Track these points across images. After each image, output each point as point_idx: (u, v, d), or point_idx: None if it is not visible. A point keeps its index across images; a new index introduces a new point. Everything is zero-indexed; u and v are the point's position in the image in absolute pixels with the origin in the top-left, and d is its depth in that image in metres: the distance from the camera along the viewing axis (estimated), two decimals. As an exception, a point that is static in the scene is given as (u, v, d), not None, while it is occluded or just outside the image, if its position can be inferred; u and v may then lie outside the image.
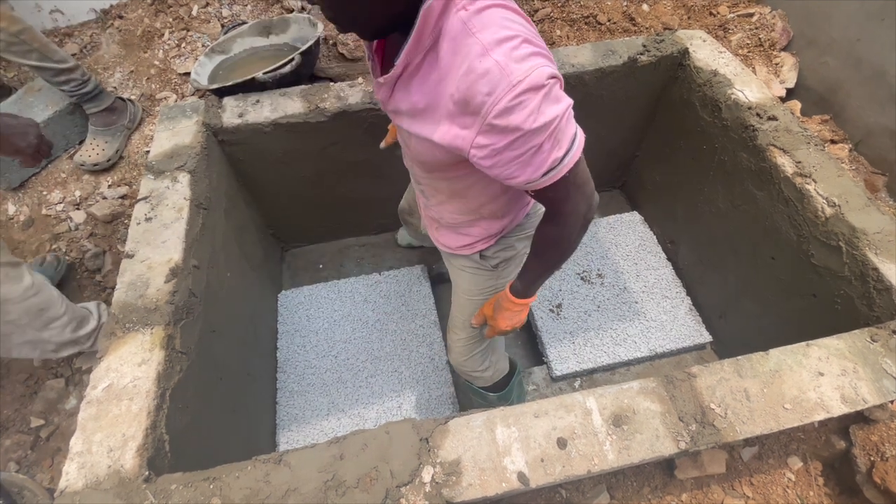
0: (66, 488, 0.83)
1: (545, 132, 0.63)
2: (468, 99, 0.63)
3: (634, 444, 0.84)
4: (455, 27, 0.62)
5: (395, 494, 0.80)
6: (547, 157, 0.66)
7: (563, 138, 0.66)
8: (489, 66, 0.60)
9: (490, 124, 0.63)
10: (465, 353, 1.22)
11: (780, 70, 1.82)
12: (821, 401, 0.88)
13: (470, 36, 0.61)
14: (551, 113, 0.63)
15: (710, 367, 0.93)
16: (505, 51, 0.60)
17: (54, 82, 1.54)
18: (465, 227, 1.02)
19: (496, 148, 0.65)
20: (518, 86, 0.60)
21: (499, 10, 0.64)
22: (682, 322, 1.69)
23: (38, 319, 1.24)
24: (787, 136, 1.29)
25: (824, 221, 1.16)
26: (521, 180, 0.69)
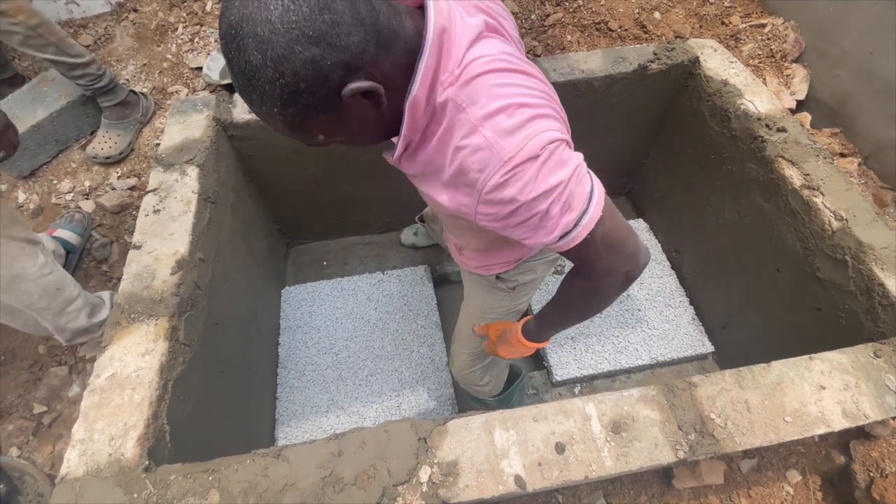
0: (66, 475, 0.84)
1: (547, 199, 0.59)
2: (462, 174, 0.61)
3: (633, 452, 0.84)
4: (445, 105, 0.60)
5: (391, 493, 0.80)
6: (557, 221, 0.61)
7: (574, 201, 0.60)
8: (478, 143, 0.58)
9: (486, 199, 0.61)
10: (466, 366, 1.21)
11: (790, 81, 1.82)
12: (822, 415, 0.88)
13: (461, 112, 0.59)
14: (554, 179, 0.59)
15: (711, 377, 0.93)
16: (494, 124, 0.58)
17: (70, 76, 1.55)
18: (485, 253, 0.99)
19: (499, 216, 0.63)
20: (510, 161, 0.57)
21: (489, 77, 0.60)
22: (685, 331, 1.69)
23: (56, 301, 1.24)
24: (796, 148, 1.28)
25: (831, 235, 1.15)
26: (534, 242, 0.65)
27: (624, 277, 0.69)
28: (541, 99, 0.63)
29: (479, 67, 0.59)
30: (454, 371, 1.25)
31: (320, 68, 0.50)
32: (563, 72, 1.51)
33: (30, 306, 1.21)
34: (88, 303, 1.33)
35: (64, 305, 1.26)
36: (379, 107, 0.57)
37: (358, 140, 0.63)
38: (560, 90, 1.52)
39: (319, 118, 0.55)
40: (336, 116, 0.55)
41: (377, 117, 0.59)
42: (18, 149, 1.47)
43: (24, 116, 1.53)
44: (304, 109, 0.53)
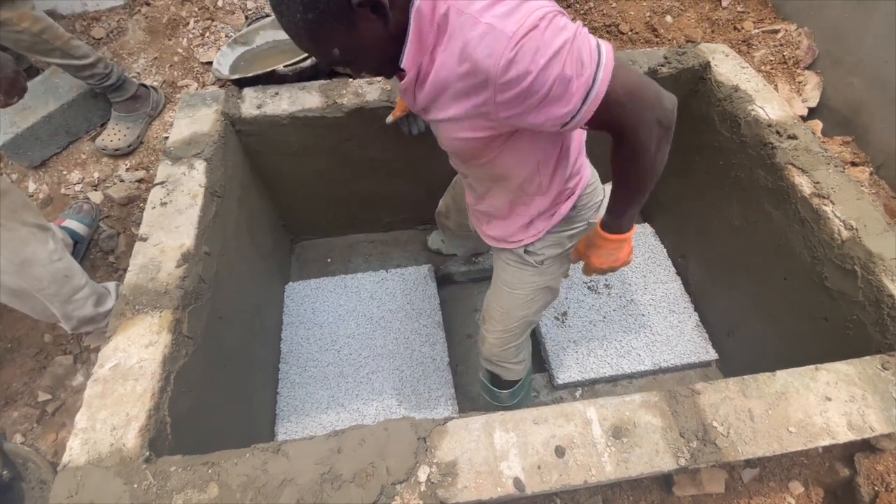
0: (68, 463, 0.85)
1: (559, 60, 0.60)
2: (473, 68, 0.63)
3: (633, 458, 0.83)
4: (447, 14, 0.64)
5: (390, 491, 0.80)
6: (576, 81, 0.62)
7: (584, 57, 0.62)
8: (482, 31, 0.61)
9: (502, 82, 0.62)
10: (499, 344, 1.21)
11: (802, 88, 1.80)
12: (826, 426, 0.87)
13: (461, 14, 0.63)
14: (558, 41, 0.60)
15: (714, 384, 0.92)
16: (493, 12, 0.61)
17: (78, 77, 1.57)
18: (516, 210, 1.00)
19: (519, 98, 0.63)
20: (514, 36, 0.59)
21: None
22: (689, 338, 1.67)
23: (65, 288, 1.25)
24: (807, 155, 1.27)
25: (840, 244, 1.14)
26: (563, 114, 0.64)
27: (658, 125, 0.69)
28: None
29: None
30: (487, 351, 1.24)
31: None
32: (572, 74, 1.50)
33: (39, 291, 1.22)
34: (95, 292, 1.34)
35: (72, 293, 1.27)
36: (386, 22, 0.63)
37: (366, 59, 0.69)
38: (569, 92, 1.52)
39: (334, 26, 0.62)
40: (348, 26, 0.62)
41: (384, 35, 0.65)
42: (30, 138, 1.48)
43: (35, 107, 1.54)
44: (320, 15, 0.60)
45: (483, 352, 1.26)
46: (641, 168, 0.76)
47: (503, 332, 1.18)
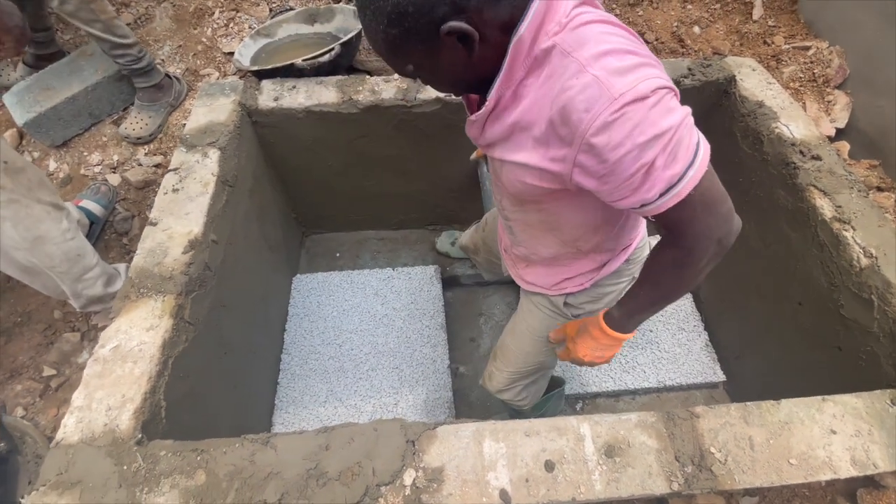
0: (62, 440, 0.86)
1: (656, 146, 0.55)
2: (564, 118, 0.58)
3: (625, 478, 0.81)
4: (549, 51, 0.59)
5: (374, 493, 0.80)
6: (661, 174, 0.57)
7: (680, 151, 0.57)
8: (587, 82, 0.55)
9: (589, 143, 0.57)
10: (504, 384, 1.15)
11: (831, 108, 1.74)
12: (829, 460, 0.84)
13: (566, 56, 0.57)
14: (664, 124, 0.55)
15: (715, 408, 0.89)
16: (604, 64, 0.55)
17: (111, 54, 1.59)
18: (563, 262, 0.93)
19: (601, 166, 0.58)
20: (620, 99, 0.54)
21: (597, 26, 0.59)
22: (696, 357, 1.64)
23: (76, 267, 1.28)
24: (830, 177, 1.23)
25: (858, 272, 1.10)
26: (634, 201, 0.60)
27: (717, 244, 0.65)
28: (645, 51, 0.61)
29: (587, 17, 0.60)
30: (489, 387, 1.19)
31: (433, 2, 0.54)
32: (591, 81, 1.48)
33: (51, 269, 1.25)
34: (105, 272, 1.37)
35: (82, 272, 1.30)
36: (470, 54, 0.60)
37: (440, 81, 0.67)
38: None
39: (415, 46, 0.59)
40: (429, 48, 0.59)
41: (465, 64, 0.62)
42: (53, 118, 1.51)
43: (60, 88, 1.58)
44: (404, 33, 0.57)
45: (488, 387, 1.20)
46: (683, 277, 0.72)
47: (514, 373, 1.14)
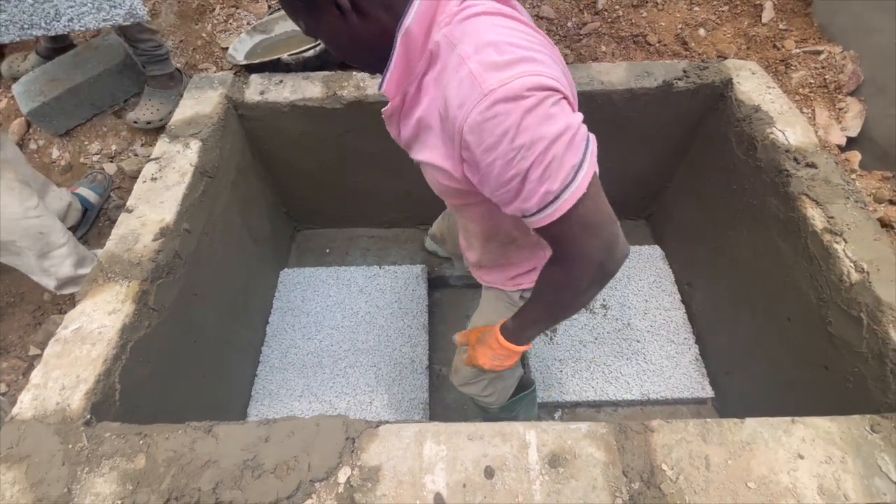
0: (16, 415, 0.88)
1: (529, 156, 0.53)
2: (445, 114, 0.57)
3: (566, 490, 0.78)
4: (440, 45, 0.58)
5: (307, 488, 0.78)
6: (535, 188, 0.55)
7: (555, 166, 0.54)
8: (462, 76, 0.53)
9: (465, 140, 0.55)
10: (469, 378, 1.14)
11: (843, 116, 1.65)
12: (793, 487, 0.78)
13: (451, 50, 0.56)
14: (538, 133, 0.52)
15: (672, 423, 0.84)
16: (482, 58, 0.53)
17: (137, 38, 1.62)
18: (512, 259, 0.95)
19: (477, 166, 0.57)
20: (490, 95, 0.51)
21: (486, 18, 0.57)
22: (684, 371, 1.57)
23: (38, 243, 1.31)
24: (825, 186, 1.16)
25: (848, 287, 1.03)
26: (514, 208, 0.59)
27: (598, 268, 0.62)
28: (539, 47, 0.58)
29: (478, 9, 0.58)
30: (455, 381, 1.18)
31: None
32: (581, 81, 1.44)
33: (11, 243, 1.28)
34: (76, 253, 1.40)
35: (47, 249, 1.33)
36: (348, 24, 0.58)
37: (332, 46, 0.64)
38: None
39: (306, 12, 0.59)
40: (309, 8, 0.58)
41: (348, 34, 0.60)
42: (56, 107, 1.55)
43: (64, 79, 1.64)
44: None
45: (454, 381, 1.19)
46: (564, 298, 0.71)
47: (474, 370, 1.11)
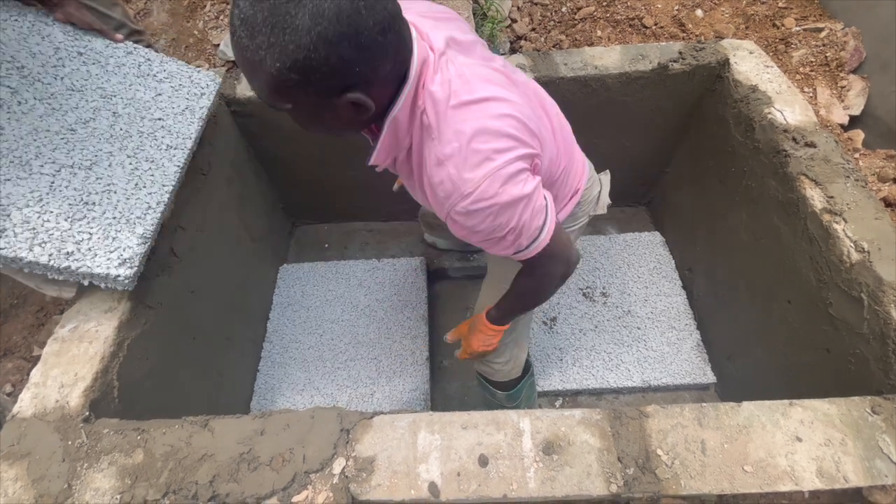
0: (17, 414, 0.89)
1: (503, 229, 0.70)
2: (433, 195, 0.71)
3: (561, 477, 0.78)
4: (421, 132, 0.68)
5: (302, 480, 0.79)
6: (511, 244, 0.73)
7: (527, 231, 0.72)
8: (443, 178, 0.67)
9: (451, 217, 0.71)
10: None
11: (845, 94, 1.61)
12: (791, 469, 0.77)
13: (430, 141, 0.67)
14: (507, 216, 0.69)
15: (668, 408, 0.84)
16: (457, 162, 0.65)
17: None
18: None
19: (462, 233, 0.73)
20: (469, 196, 0.66)
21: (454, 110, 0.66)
22: (686, 357, 1.56)
23: None
24: (824, 166, 1.13)
25: (848, 268, 1.01)
26: (495, 251, 0.77)
27: (560, 279, 0.86)
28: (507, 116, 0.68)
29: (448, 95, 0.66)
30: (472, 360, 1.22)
31: (346, 71, 0.56)
32: (574, 66, 1.42)
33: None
34: None
35: None
36: (357, 118, 0.63)
37: (312, 127, 0.67)
38: (570, 86, 1.44)
39: (307, 97, 0.59)
40: (321, 103, 0.60)
41: (347, 122, 0.65)
42: None
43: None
44: (303, 83, 0.56)
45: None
46: (537, 297, 0.94)
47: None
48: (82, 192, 0.99)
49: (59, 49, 1.10)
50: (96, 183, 1.01)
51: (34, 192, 0.95)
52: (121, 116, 1.11)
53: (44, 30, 1.10)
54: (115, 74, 1.15)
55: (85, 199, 0.99)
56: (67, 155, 1.01)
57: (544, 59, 1.43)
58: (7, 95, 0.99)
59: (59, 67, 1.08)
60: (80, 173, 1.01)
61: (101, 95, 1.11)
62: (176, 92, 1.21)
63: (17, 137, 0.97)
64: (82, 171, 1.01)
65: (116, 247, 0.97)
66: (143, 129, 1.12)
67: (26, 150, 0.97)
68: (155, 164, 1.10)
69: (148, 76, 1.19)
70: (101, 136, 1.06)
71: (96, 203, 0.99)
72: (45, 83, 1.05)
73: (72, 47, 1.12)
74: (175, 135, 1.16)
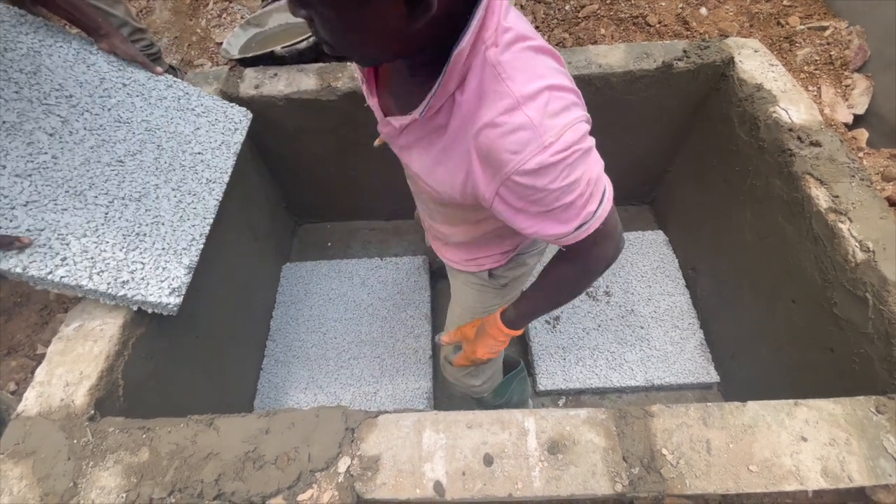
0: (22, 412, 0.89)
1: (576, 189, 0.58)
2: (492, 152, 0.57)
3: (566, 476, 0.78)
4: (483, 70, 0.55)
5: (307, 478, 0.79)
6: (579, 212, 0.61)
7: (597, 191, 0.61)
8: (520, 123, 0.54)
9: (514, 181, 0.57)
10: (459, 370, 1.15)
11: (849, 93, 1.61)
12: (796, 469, 0.77)
13: (499, 81, 0.54)
14: (586, 170, 0.59)
15: (673, 408, 0.84)
16: (538, 105, 0.54)
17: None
18: (474, 246, 0.94)
19: (521, 201, 0.60)
20: (550, 147, 0.55)
21: (530, 53, 0.56)
22: (689, 356, 1.55)
23: None
24: (829, 165, 1.13)
25: (853, 267, 1.01)
26: (549, 234, 0.63)
27: (608, 264, 0.73)
28: (572, 85, 0.60)
29: (520, 32, 0.56)
30: (448, 375, 1.21)
31: None
32: (578, 65, 1.42)
33: None
34: None
35: None
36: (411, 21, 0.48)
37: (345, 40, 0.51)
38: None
39: None
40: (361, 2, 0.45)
41: (395, 31, 0.49)
42: None
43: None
44: None
45: (446, 375, 1.21)
46: (576, 290, 0.80)
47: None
48: (133, 223, 1.03)
49: (104, 79, 1.12)
50: (146, 215, 1.05)
51: (90, 222, 0.98)
52: (164, 150, 1.14)
53: (88, 58, 1.12)
54: (158, 107, 1.18)
55: (136, 230, 1.02)
56: (118, 186, 1.04)
57: (548, 58, 1.43)
58: (58, 125, 1.01)
59: (106, 98, 1.11)
60: (131, 205, 1.04)
61: (146, 128, 1.14)
62: (213, 126, 1.25)
63: (70, 168, 1.00)
64: (133, 203, 1.04)
65: (166, 276, 1.01)
66: (185, 163, 1.16)
67: (80, 180, 1.00)
68: (197, 198, 1.13)
69: (187, 110, 1.22)
70: (148, 168, 1.10)
71: (146, 234, 1.03)
72: (94, 113, 1.07)
73: (116, 78, 1.14)
74: (213, 169, 1.19)
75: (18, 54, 1.02)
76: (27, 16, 1.09)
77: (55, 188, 0.96)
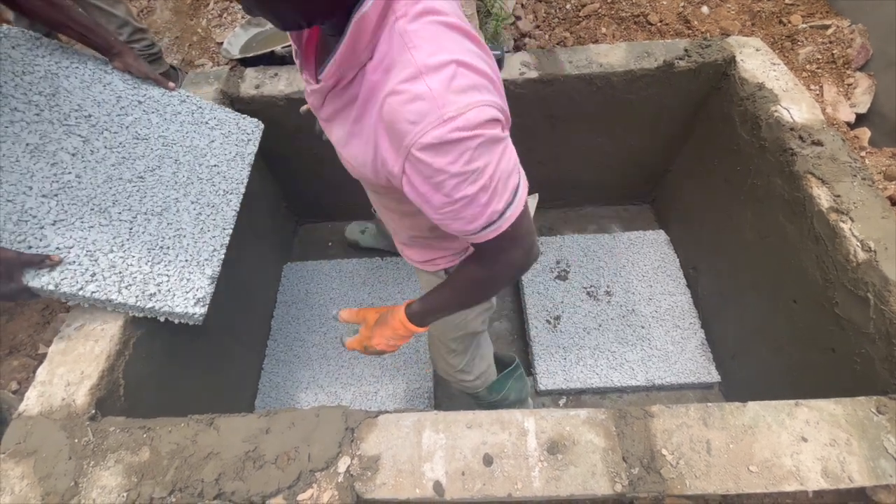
0: (24, 412, 0.90)
1: (479, 180, 0.55)
2: (393, 123, 0.55)
3: (566, 477, 0.78)
4: (391, 39, 0.54)
5: (307, 478, 0.79)
6: (483, 209, 0.58)
7: (503, 189, 0.58)
8: (420, 92, 0.52)
9: (415, 156, 0.55)
10: (450, 365, 1.15)
11: (852, 92, 1.60)
12: (796, 469, 0.77)
13: (405, 51, 0.54)
14: (488, 160, 0.55)
15: (673, 408, 0.84)
16: (441, 77, 0.52)
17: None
18: (426, 244, 0.91)
19: (423, 188, 0.57)
20: (449, 122, 0.52)
21: (443, 28, 0.55)
22: (690, 356, 1.55)
23: None
24: (831, 164, 1.13)
25: (855, 267, 1.01)
26: (455, 229, 0.61)
27: (518, 270, 0.72)
28: (489, 71, 0.58)
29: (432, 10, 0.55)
30: (440, 372, 1.21)
31: None
32: (579, 64, 1.41)
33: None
34: None
35: None
36: None
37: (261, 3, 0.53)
38: (574, 84, 1.43)
39: None
40: None
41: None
42: None
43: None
44: None
45: (439, 373, 1.22)
46: (482, 293, 0.78)
47: (447, 352, 1.12)
48: (157, 237, 1.05)
49: (120, 98, 1.14)
50: (168, 228, 1.07)
51: (116, 237, 1.00)
52: (182, 164, 1.16)
53: (104, 78, 1.14)
54: (173, 122, 1.20)
55: (160, 243, 1.04)
56: (140, 202, 1.06)
57: (549, 57, 1.43)
58: (80, 144, 1.04)
59: (124, 116, 1.12)
60: (153, 219, 1.06)
61: (163, 143, 1.15)
62: (226, 139, 1.26)
63: (94, 186, 1.02)
64: (155, 218, 1.07)
65: (191, 287, 1.04)
66: (202, 176, 1.17)
67: (104, 198, 1.02)
68: (215, 209, 1.15)
69: (201, 124, 1.24)
70: (167, 183, 1.12)
71: (170, 247, 1.05)
72: (113, 132, 1.09)
73: (132, 96, 1.16)
74: (229, 180, 1.22)
75: (37, 77, 1.04)
76: (42, 38, 1.11)
77: (81, 206, 0.99)
